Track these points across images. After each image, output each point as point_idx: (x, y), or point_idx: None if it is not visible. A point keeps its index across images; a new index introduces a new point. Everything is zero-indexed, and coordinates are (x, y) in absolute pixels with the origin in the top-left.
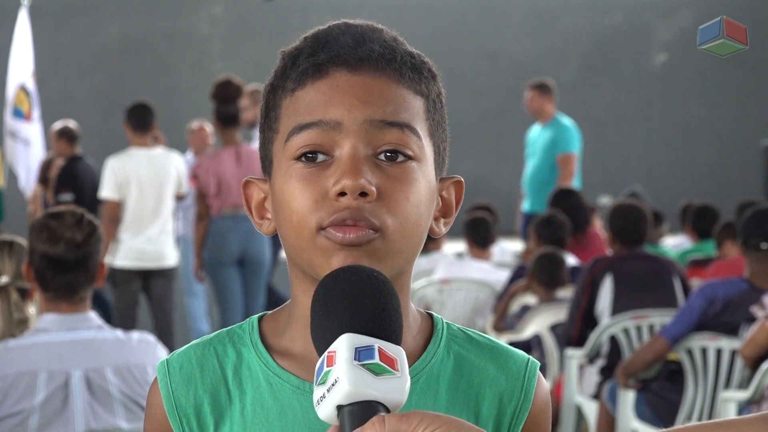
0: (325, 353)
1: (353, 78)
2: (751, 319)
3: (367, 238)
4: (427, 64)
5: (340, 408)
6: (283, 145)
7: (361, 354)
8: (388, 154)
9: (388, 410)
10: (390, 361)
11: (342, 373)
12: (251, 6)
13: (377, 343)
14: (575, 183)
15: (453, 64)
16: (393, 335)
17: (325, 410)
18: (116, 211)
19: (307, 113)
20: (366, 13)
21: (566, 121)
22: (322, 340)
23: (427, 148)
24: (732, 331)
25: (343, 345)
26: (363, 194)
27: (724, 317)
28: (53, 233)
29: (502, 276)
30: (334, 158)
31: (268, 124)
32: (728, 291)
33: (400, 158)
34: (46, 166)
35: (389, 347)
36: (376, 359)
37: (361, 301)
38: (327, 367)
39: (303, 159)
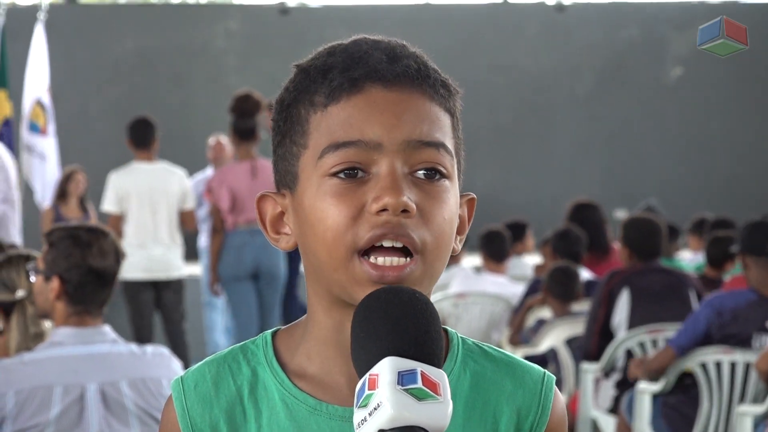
0: (367, 376)
1: (389, 94)
2: (762, 329)
3: (409, 273)
4: (451, 81)
5: None
6: (315, 162)
7: (404, 378)
8: (426, 172)
9: None
10: (433, 386)
11: (385, 397)
12: (267, 20)
13: (420, 367)
14: None
15: (467, 77)
16: (435, 359)
17: None
18: (118, 224)
19: (343, 131)
20: (381, 27)
21: None
22: (363, 362)
23: (454, 166)
24: (743, 342)
25: (386, 368)
26: (403, 211)
27: (733, 328)
28: (101, 248)
29: (517, 290)
30: (371, 175)
31: (292, 138)
32: (736, 302)
33: (437, 177)
34: (65, 180)
35: (432, 371)
36: (419, 384)
37: (404, 324)
38: (369, 390)
39: (341, 176)
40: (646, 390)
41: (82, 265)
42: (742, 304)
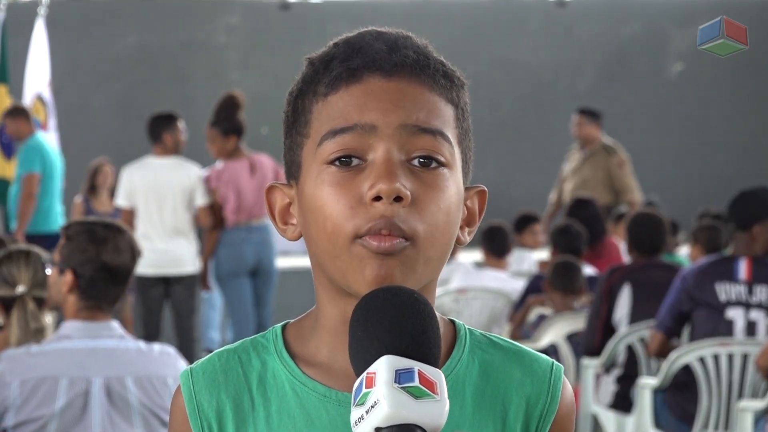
0: (364, 374)
1: (387, 84)
2: (721, 279)
3: (401, 247)
4: (457, 72)
5: (378, 430)
6: (314, 150)
7: (401, 376)
8: (422, 159)
9: None
10: (430, 385)
11: (382, 396)
12: (268, 16)
13: (417, 366)
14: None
15: (469, 72)
16: (432, 358)
17: None
18: (130, 218)
19: (341, 118)
20: (383, 22)
21: (35, 140)
22: (361, 361)
23: (456, 155)
24: (709, 296)
25: (383, 367)
26: (397, 198)
27: (697, 288)
28: (116, 245)
29: (518, 285)
30: (368, 162)
31: (297, 128)
32: (700, 264)
33: (433, 164)
34: (93, 174)
35: (429, 370)
36: (417, 382)
37: (402, 323)
38: (366, 388)
39: (336, 163)
40: (647, 385)
41: (96, 260)
42: (704, 265)
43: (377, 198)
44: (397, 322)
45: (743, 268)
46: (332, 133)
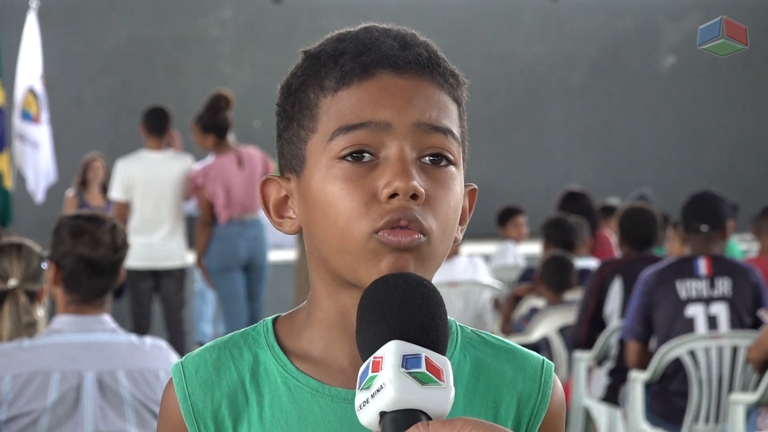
0: (371, 358)
1: (400, 80)
2: (683, 276)
3: (418, 243)
4: (459, 72)
5: (382, 414)
6: (324, 145)
7: (408, 362)
8: (433, 157)
9: (430, 420)
10: (436, 372)
11: (388, 379)
12: (260, 9)
13: (424, 353)
14: None
15: (462, 66)
16: (439, 345)
17: (367, 416)
18: (124, 211)
19: (353, 114)
20: (376, 15)
21: None
22: (368, 345)
23: (461, 154)
24: (669, 294)
25: (391, 351)
26: (413, 196)
27: (659, 287)
28: (94, 237)
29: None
30: (380, 159)
31: (300, 122)
32: (661, 265)
33: (443, 162)
34: (84, 168)
35: (436, 357)
36: (423, 368)
37: (411, 309)
38: (372, 372)
39: (349, 158)
40: (637, 378)
41: (73, 253)
42: (665, 265)
43: (393, 195)
44: (407, 308)
45: (703, 265)
46: (344, 129)
